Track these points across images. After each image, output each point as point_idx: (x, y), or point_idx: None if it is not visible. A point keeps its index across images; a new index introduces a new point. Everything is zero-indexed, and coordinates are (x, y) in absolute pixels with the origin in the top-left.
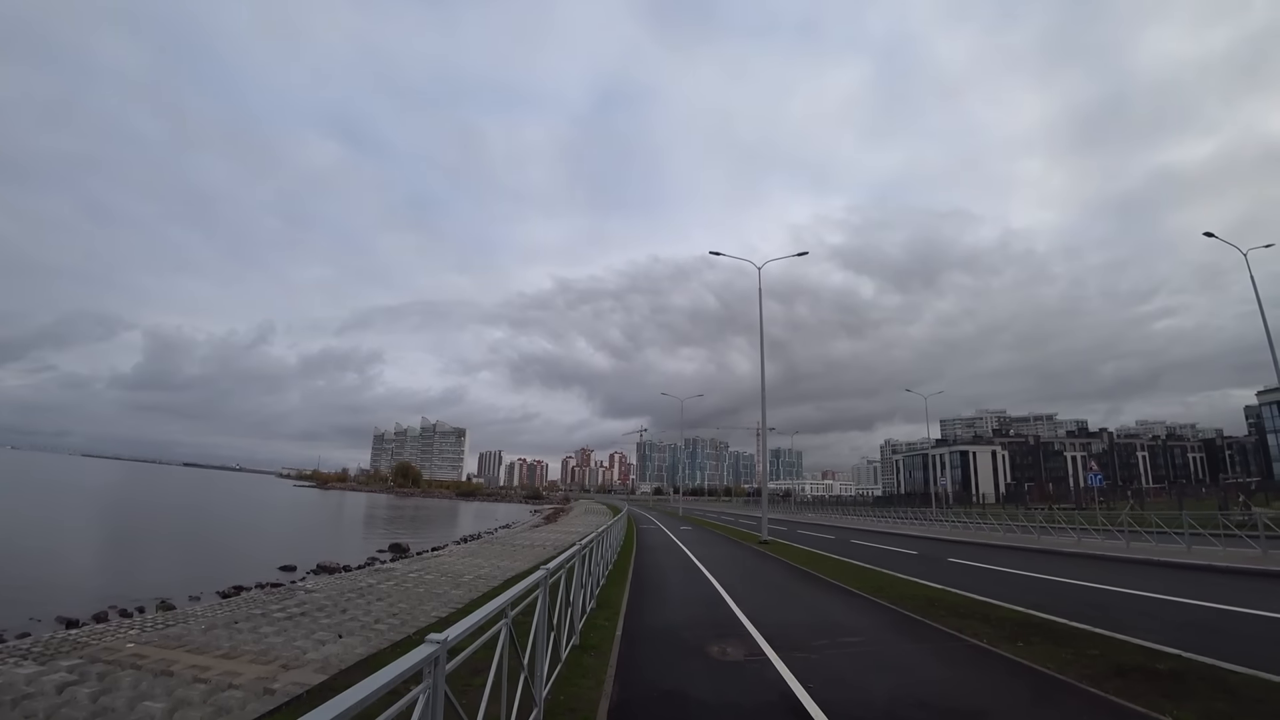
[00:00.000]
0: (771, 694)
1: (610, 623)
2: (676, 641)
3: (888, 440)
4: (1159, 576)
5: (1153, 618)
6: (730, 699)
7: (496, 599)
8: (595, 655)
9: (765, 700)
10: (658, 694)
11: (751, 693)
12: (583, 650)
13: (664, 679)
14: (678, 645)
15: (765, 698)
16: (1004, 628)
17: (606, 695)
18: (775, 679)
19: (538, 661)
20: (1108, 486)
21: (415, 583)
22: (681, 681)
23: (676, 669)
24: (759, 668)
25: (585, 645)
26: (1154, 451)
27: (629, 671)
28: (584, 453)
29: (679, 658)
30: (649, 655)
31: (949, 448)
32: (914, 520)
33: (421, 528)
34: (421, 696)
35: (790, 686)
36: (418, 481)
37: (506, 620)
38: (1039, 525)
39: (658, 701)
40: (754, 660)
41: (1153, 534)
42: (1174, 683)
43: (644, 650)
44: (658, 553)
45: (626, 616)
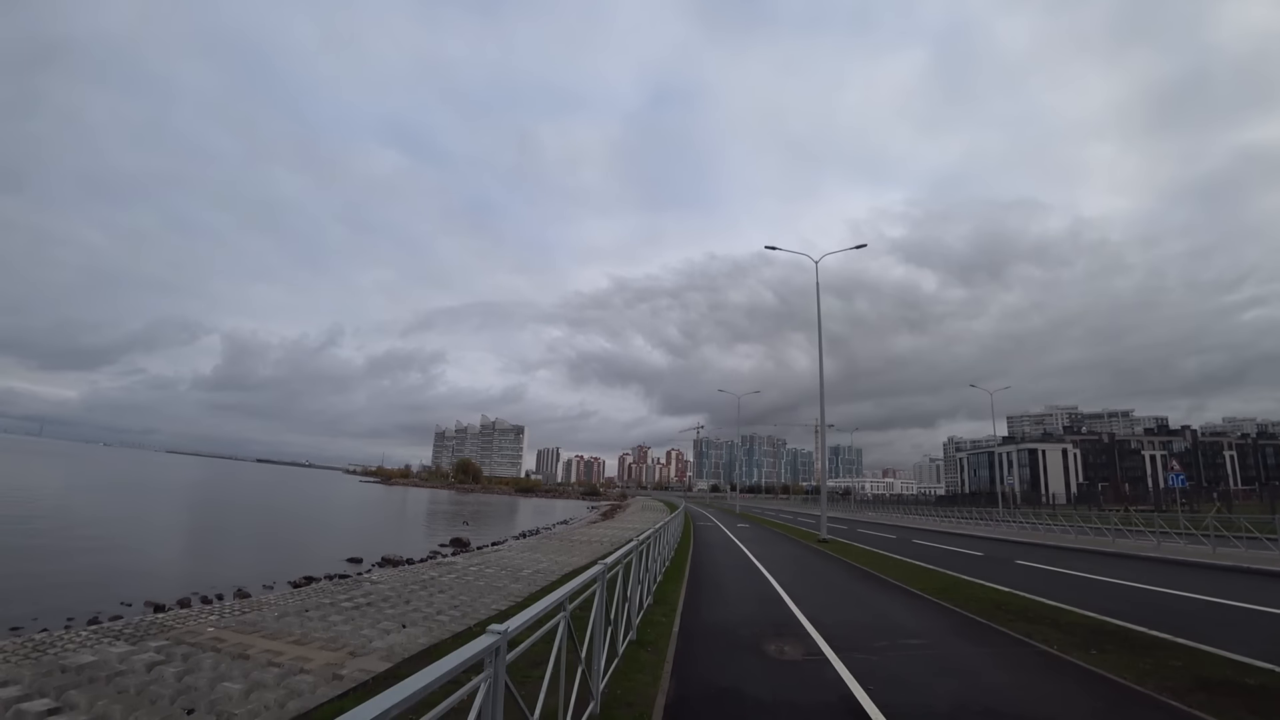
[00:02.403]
0: (830, 695)
1: (668, 619)
2: (734, 639)
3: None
4: (1248, 585)
5: (1241, 628)
6: (787, 698)
7: (554, 592)
8: (652, 651)
9: (823, 701)
10: (715, 691)
11: (809, 692)
12: (640, 646)
13: (721, 676)
14: (735, 643)
15: (823, 698)
16: (1076, 634)
17: (663, 691)
18: (834, 679)
19: (595, 655)
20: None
21: (475, 576)
22: (738, 679)
23: (733, 667)
24: (817, 667)
25: (642, 641)
26: (1243, 451)
27: (686, 668)
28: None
29: (736, 655)
30: (706, 652)
31: (1016, 445)
32: (979, 520)
33: (482, 523)
34: (483, 685)
35: (850, 688)
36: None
37: (565, 613)
38: (1114, 527)
39: (715, 698)
40: (812, 660)
41: (1241, 539)
42: (1265, 699)
43: (701, 647)
44: (715, 550)
45: (684, 613)
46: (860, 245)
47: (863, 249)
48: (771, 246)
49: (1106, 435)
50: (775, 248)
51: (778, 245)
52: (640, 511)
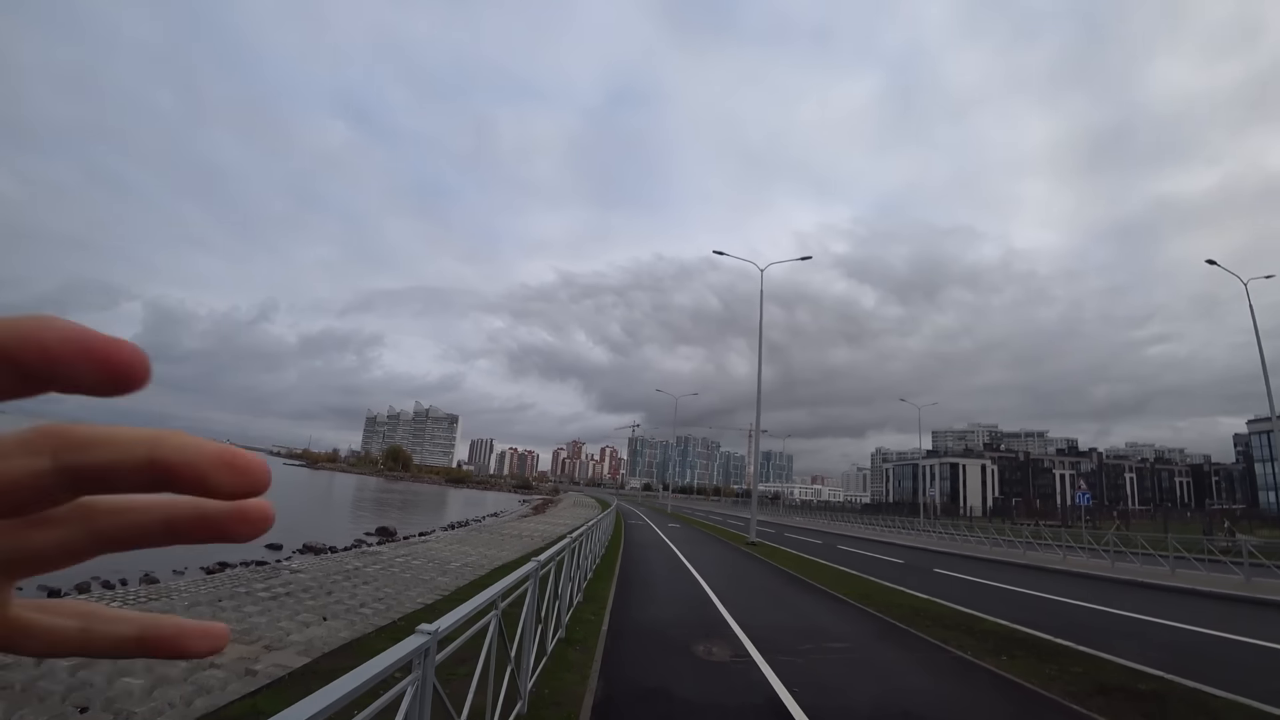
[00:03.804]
0: (756, 697)
1: (597, 617)
2: (662, 639)
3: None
4: (1143, 597)
5: (1136, 638)
6: (715, 699)
7: (487, 590)
8: (581, 649)
9: (750, 702)
10: (642, 691)
11: (736, 694)
12: (569, 644)
13: (649, 676)
14: (664, 643)
15: (750, 700)
16: (988, 641)
17: (591, 690)
18: (760, 681)
19: (524, 654)
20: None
21: (402, 568)
22: (666, 679)
23: (662, 667)
24: (744, 669)
25: (571, 639)
26: (1142, 474)
27: (614, 667)
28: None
29: (664, 655)
30: (634, 652)
31: (939, 459)
32: (901, 529)
33: (410, 512)
34: (410, 688)
35: (776, 690)
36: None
37: (497, 612)
38: (1025, 541)
39: (642, 699)
40: (740, 662)
41: (1138, 555)
42: (1156, 704)
43: (630, 646)
44: (646, 549)
45: (613, 612)
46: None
47: (808, 261)
48: (719, 252)
49: (1022, 454)
50: (723, 253)
51: (725, 251)
52: (572, 507)
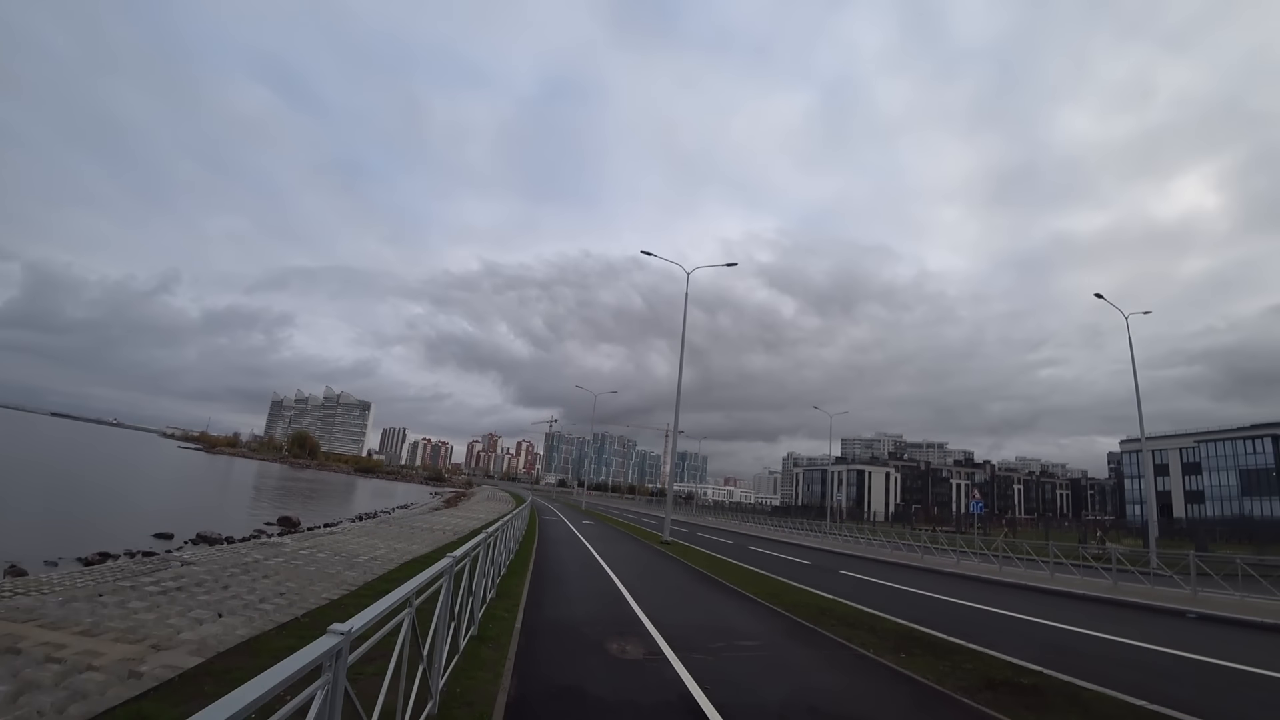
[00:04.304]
0: (670, 694)
1: (510, 614)
2: (576, 637)
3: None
4: (1026, 599)
5: (1019, 636)
6: (629, 697)
7: (402, 587)
8: (494, 647)
9: (663, 700)
10: (556, 689)
11: (650, 692)
12: (481, 641)
13: (563, 674)
14: (578, 640)
15: (663, 697)
16: (889, 639)
17: (504, 689)
18: (673, 679)
19: (437, 652)
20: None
21: (306, 560)
22: (580, 677)
23: (576, 664)
24: (658, 667)
25: (484, 636)
26: (1028, 486)
27: (527, 665)
28: (491, 438)
29: (578, 653)
30: (548, 649)
31: (847, 466)
32: (809, 532)
33: (315, 502)
34: (320, 692)
35: (688, 687)
36: (315, 453)
37: (410, 609)
38: (923, 545)
39: (556, 697)
40: (653, 659)
41: (1023, 560)
42: (1036, 697)
43: (543, 644)
44: (560, 546)
45: (526, 609)
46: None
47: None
48: (647, 252)
49: (923, 463)
50: (650, 254)
51: (653, 252)
52: (486, 501)
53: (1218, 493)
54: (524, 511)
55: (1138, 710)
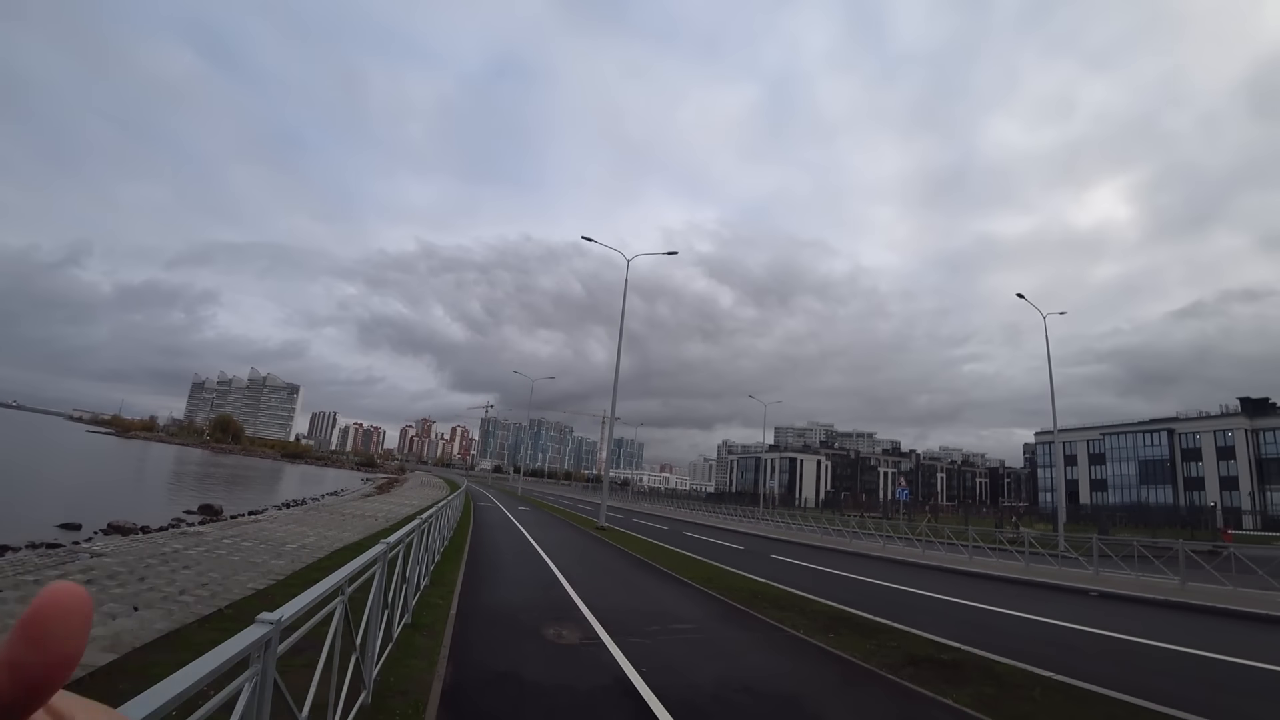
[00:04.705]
0: (606, 678)
1: (445, 601)
2: (512, 623)
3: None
4: (947, 581)
5: (941, 615)
6: (566, 682)
7: (333, 575)
8: (428, 634)
9: (600, 684)
10: (493, 675)
11: (587, 676)
12: (415, 629)
13: (499, 660)
14: (514, 626)
15: (600, 681)
16: (819, 620)
17: (440, 676)
18: (610, 663)
19: (370, 641)
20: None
21: (230, 550)
22: (517, 663)
23: (512, 650)
24: (594, 652)
25: (418, 624)
26: (951, 474)
27: (463, 652)
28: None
29: (515, 639)
30: (484, 636)
31: (780, 453)
32: (743, 517)
33: (239, 489)
34: (248, 686)
35: (625, 671)
36: (239, 438)
37: (343, 597)
38: (852, 530)
39: (493, 683)
40: (589, 644)
41: (944, 545)
42: (954, 671)
43: (479, 631)
44: (495, 532)
45: (462, 596)
46: (672, 252)
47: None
48: (588, 238)
49: (853, 452)
50: (591, 240)
51: (594, 238)
52: (419, 487)
53: (1119, 481)
54: (459, 498)
55: (1044, 680)
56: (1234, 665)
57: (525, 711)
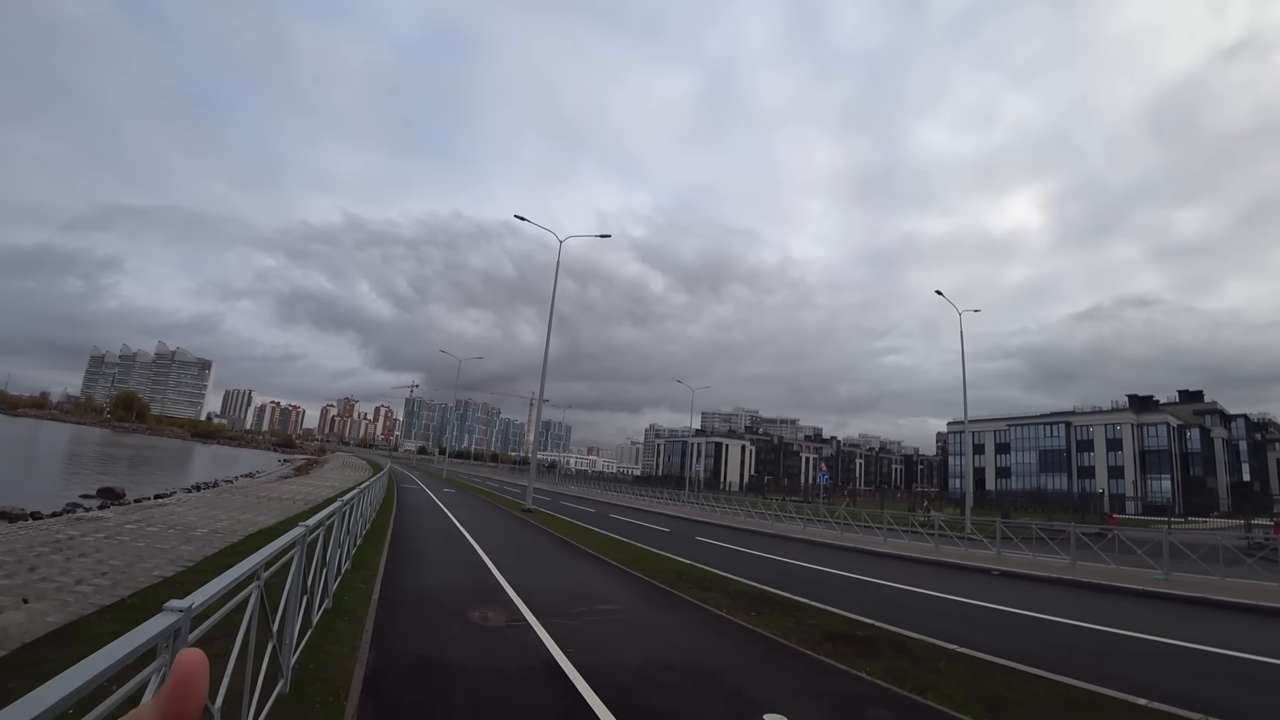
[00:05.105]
0: (532, 659)
1: (367, 585)
2: (437, 606)
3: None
4: (863, 561)
5: (856, 594)
6: (492, 664)
7: (249, 559)
8: (350, 620)
9: (526, 665)
10: (417, 660)
11: (513, 658)
12: (336, 614)
13: (423, 645)
14: (438, 610)
15: (526, 662)
16: (741, 600)
17: (362, 662)
18: (536, 644)
19: (288, 628)
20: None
21: (133, 535)
22: (442, 647)
23: (437, 634)
24: (520, 633)
25: (339, 609)
26: (868, 460)
27: (386, 637)
28: (348, 403)
29: (439, 623)
30: (408, 620)
31: (706, 438)
32: (669, 500)
33: (144, 471)
34: (154, 678)
35: (551, 652)
36: (144, 416)
37: (259, 583)
38: (774, 513)
39: (417, 668)
40: (516, 626)
41: (861, 527)
42: (868, 646)
43: (402, 615)
44: (420, 514)
45: (384, 580)
46: (605, 235)
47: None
48: (520, 217)
49: (777, 438)
50: (524, 219)
51: (527, 218)
52: (341, 469)
53: (1021, 469)
54: (382, 479)
55: (949, 653)
56: (1114, 635)
57: (451, 695)
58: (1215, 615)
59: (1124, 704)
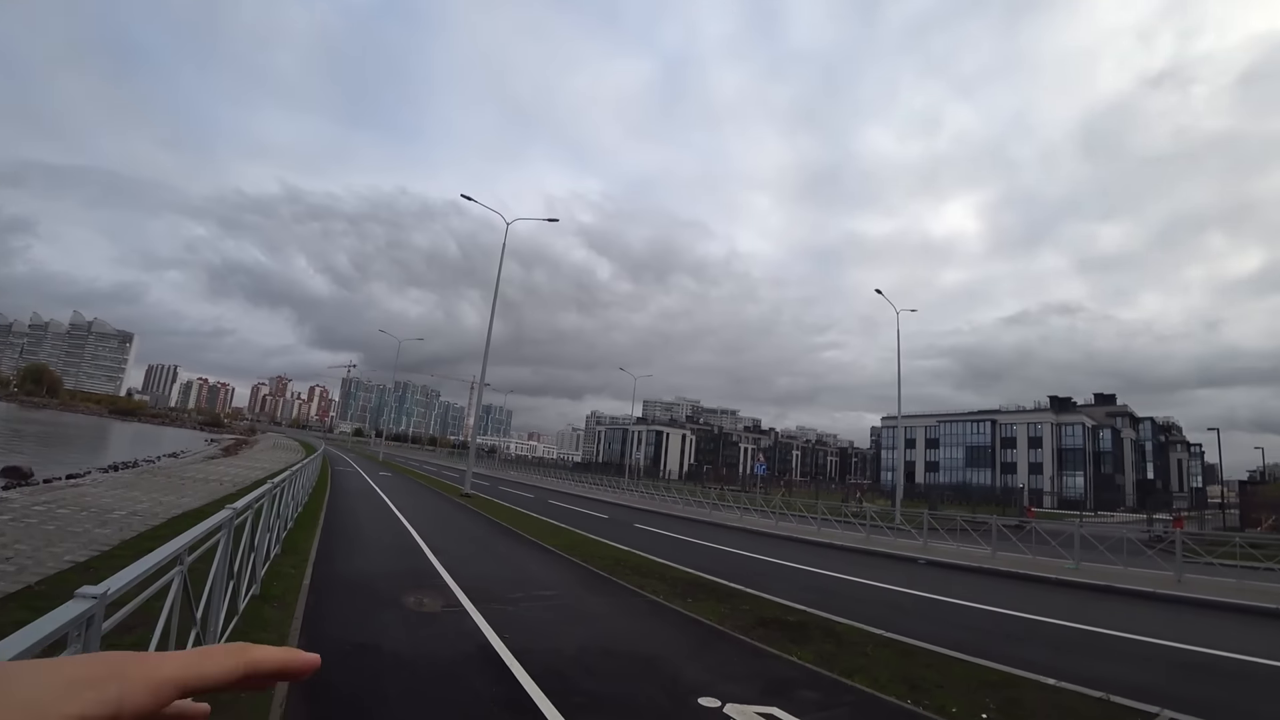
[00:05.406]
0: (469, 645)
1: (298, 571)
2: (371, 592)
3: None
4: (797, 550)
5: (790, 581)
6: (427, 651)
7: (170, 544)
8: (279, 606)
9: (463, 651)
10: (349, 647)
11: (449, 644)
12: (265, 601)
13: (356, 632)
14: (372, 596)
15: (463, 649)
16: (678, 586)
17: None
18: (473, 630)
19: (212, 615)
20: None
21: (42, 518)
22: (375, 634)
23: (370, 621)
24: (457, 619)
25: (268, 595)
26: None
27: (317, 624)
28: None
29: (373, 609)
30: (340, 606)
31: (647, 426)
32: (609, 487)
33: (56, 449)
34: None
35: (487, 637)
36: (55, 391)
37: (182, 567)
38: (712, 502)
39: (349, 655)
40: (451, 611)
41: (796, 517)
42: (800, 631)
43: (334, 601)
44: (354, 498)
45: (316, 564)
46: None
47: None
48: (467, 197)
49: (717, 428)
50: (470, 198)
51: (474, 198)
52: (272, 450)
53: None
54: (315, 461)
55: (877, 637)
56: (1029, 621)
57: (384, 683)
58: (1119, 602)
59: (1034, 683)
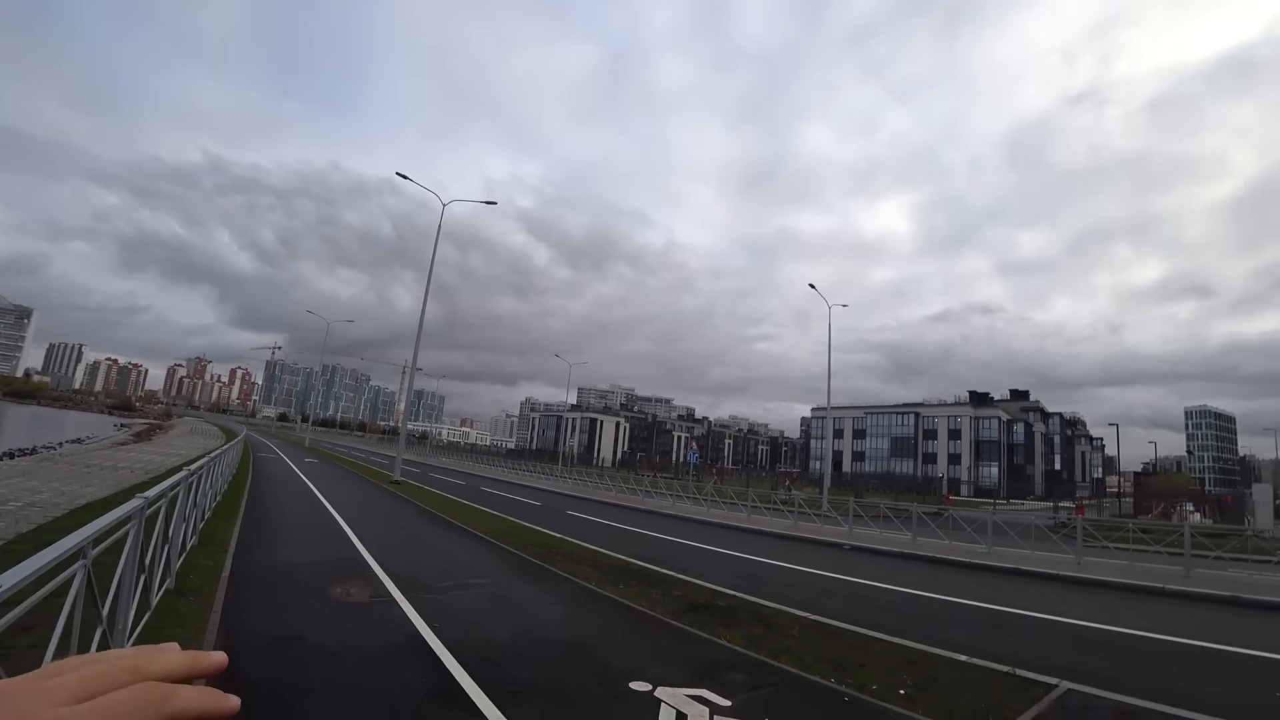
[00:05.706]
0: (397, 635)
1: (216, 562)
2: (294, 583)
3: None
4: (728, 536)
5: (720, 567)
6: (354, 642)
7: (71, 536)
8: (195, 600)
9: (391, 642)
10: (271, 640)
11: (377, 635)
12: (180, 595)
13: (279, 624)
14: (295, 587)
15: (391, 639)
16: (610, 573)
17: (210, 645)
18: (401, 620)
19: (121, 611)
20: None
21: None
22: (300, 626)
23: (294, 613)
24: (385, 609)
25: (183, 589)
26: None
27: (237, 618)
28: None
29: (297, 600)
30: (262, 599)
31: (581, 413)
32: (542, 474)
33: None
34: None
35: (417, 627)
36: None
37: (85, 562)
38: (645, 489)
39: (271, 649)
40: (380, 601)
41: (727, 504)
42: (729, 615)
43: (256, 593)
44: (278, 485)
45: (236, 555)
46: (491, 202)
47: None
48: (403, 175)
49: (651, 416)
50: (406, 177)
51: (410, 176)
52: (189, 435)
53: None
54: (236, 448)
55: (803, 620)
56: (945, 602)
57: (309, 675)
58: (1026, 584)
59: (949, 660)
